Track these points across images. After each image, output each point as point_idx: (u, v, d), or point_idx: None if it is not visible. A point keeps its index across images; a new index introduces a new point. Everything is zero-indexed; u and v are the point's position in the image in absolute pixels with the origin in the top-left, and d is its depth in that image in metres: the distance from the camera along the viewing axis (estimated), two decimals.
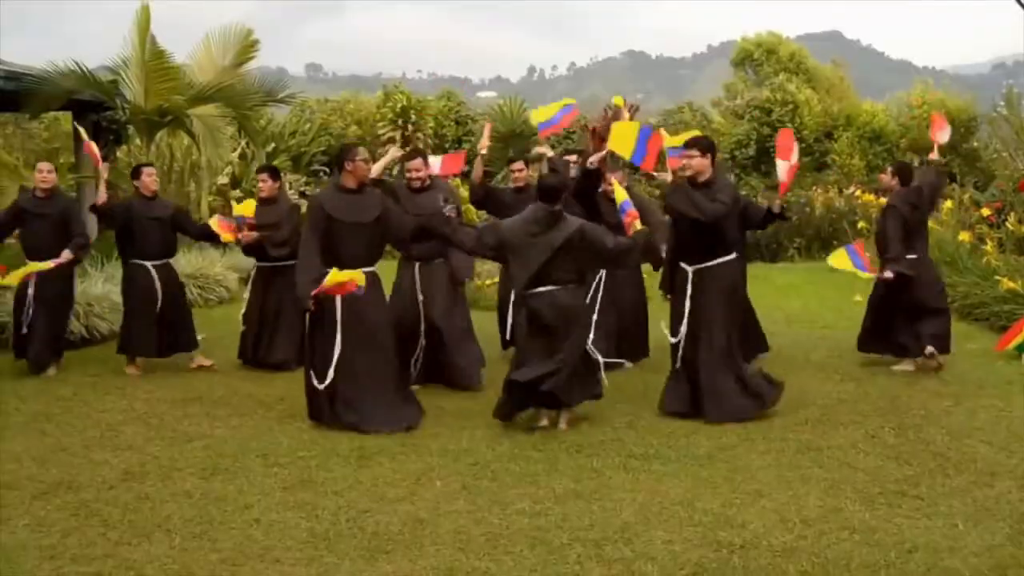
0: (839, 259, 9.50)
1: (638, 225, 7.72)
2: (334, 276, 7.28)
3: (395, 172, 21.94)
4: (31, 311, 9.40)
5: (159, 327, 9.72)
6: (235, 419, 7.85)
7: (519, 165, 9.93)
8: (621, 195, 8.03)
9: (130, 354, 9.74)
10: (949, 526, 5.40)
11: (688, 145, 7.90)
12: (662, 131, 9.06)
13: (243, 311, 10.17)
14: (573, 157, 10.37)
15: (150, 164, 10.53)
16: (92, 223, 15.72)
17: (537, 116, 10.02)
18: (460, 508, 5.75)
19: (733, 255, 7.88)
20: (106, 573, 4.87)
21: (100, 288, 11.31)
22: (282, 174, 15.91)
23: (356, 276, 7.36)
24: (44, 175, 9.69)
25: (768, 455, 6.78)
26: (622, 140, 8.42)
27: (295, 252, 8.42)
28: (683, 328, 7.80)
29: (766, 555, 5.03)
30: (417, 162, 8.87)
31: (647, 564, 4.92)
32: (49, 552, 5.13)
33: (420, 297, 8.66)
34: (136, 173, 9.93)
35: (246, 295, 10.22)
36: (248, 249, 10.03)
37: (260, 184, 10.15)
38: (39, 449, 7.00)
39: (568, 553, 5.08)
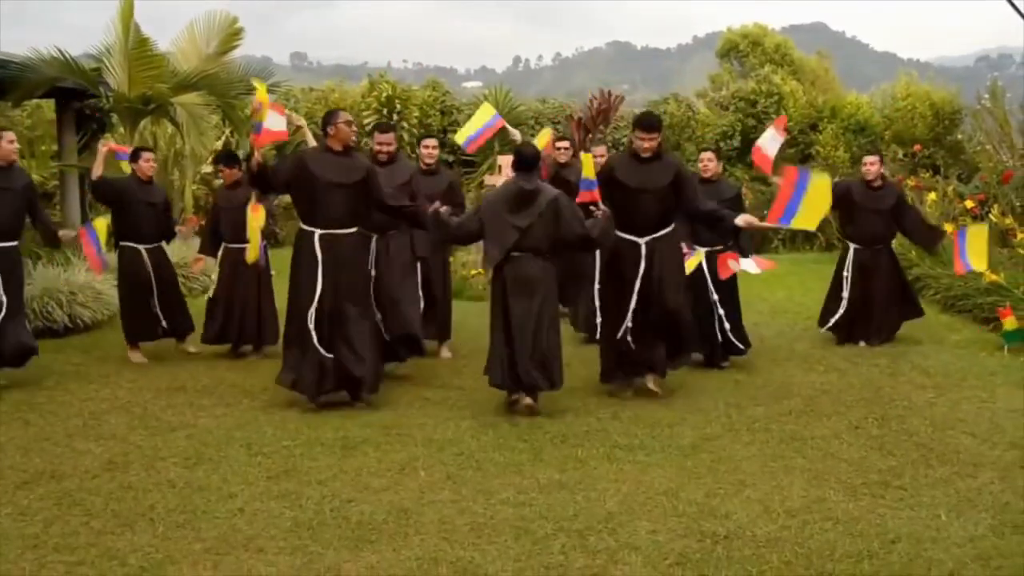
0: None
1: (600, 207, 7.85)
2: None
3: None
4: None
5: (155, 310, 9.79)
6: (219, 408, 7.83)
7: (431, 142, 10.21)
8: (589, 171, 8.10)
9: (132, 340, 9.77)
10: (932, 516, 5.43)
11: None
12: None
13: (210, 293, 10.23)
14: (564, 144, 10.55)
15: (150, 149, 10.54)
16: (75, 210, 15.75)
17: (460, 136, 10.38)
18: (444, 498, 5.75)
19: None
20: (89, 562, 4.85)
21: (83, 277, 11.25)
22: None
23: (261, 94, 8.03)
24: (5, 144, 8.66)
25: (752, 446, 6.80)
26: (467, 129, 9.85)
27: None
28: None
29: (750, 545, 5.05)
30: (388, 136, 9.24)
31: (631, 554, 4.93)
32: (32, 541, 5.12)
33: (372, 272, 8.67)
34: (135, 156, 9.99)
35: (214, 276, 10.22)
36: (215, 232, 10.22)
37: (221, 174, 10.26)
38: (22, 438, 6.98)
39: (552, 543, 5.08)
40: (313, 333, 7.63)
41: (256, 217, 9.19)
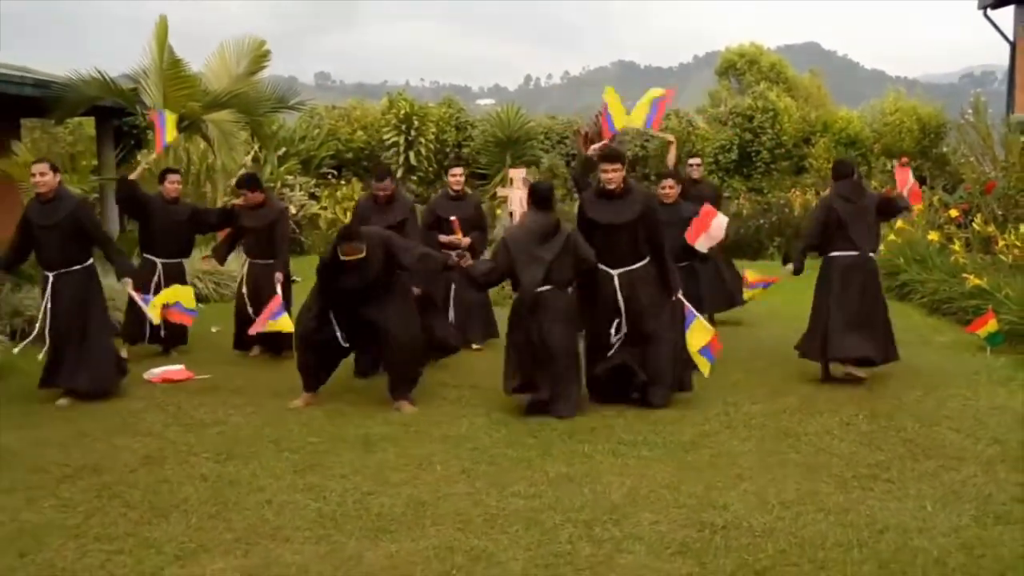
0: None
1: None
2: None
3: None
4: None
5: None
6: (249, 407, 7.85)
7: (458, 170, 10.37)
8: None
9: (126, 339, 9.85)
10: (918, 508, 5.42)
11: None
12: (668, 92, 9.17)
13: (237, 302, 10.23)
14: (696, 160, 11.74)
15: (175, 171, 10.54)
16: (114, 221, 15.82)
17: (636, 117, 9.06)
18: (460, 491, 5.76)
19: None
20: (127, 551, 4.88)
21: (120, 286, 11.26)
22: (292, 176, 15.98)
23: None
24: (38, 179, 8.08)
25: (749, 441, 6.79)
26: (637, 115, 8.92)
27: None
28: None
29: (747, 535, 5.05)
30: (385, 183, 9.31)
31: (635, 543, 4.93)
32: (74, 531, 5.15)
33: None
34: (161, 178, 10.13)
35: (244, 289, 10.13)
36: (231, 244, 10.44)
37: (245, 196, 10.11)
38: (64, 435, 7.01)
39: (560, 533, 5.09)
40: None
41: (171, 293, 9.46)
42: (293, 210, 19.36)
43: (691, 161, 11.46)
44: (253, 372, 9.24)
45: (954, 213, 14.13)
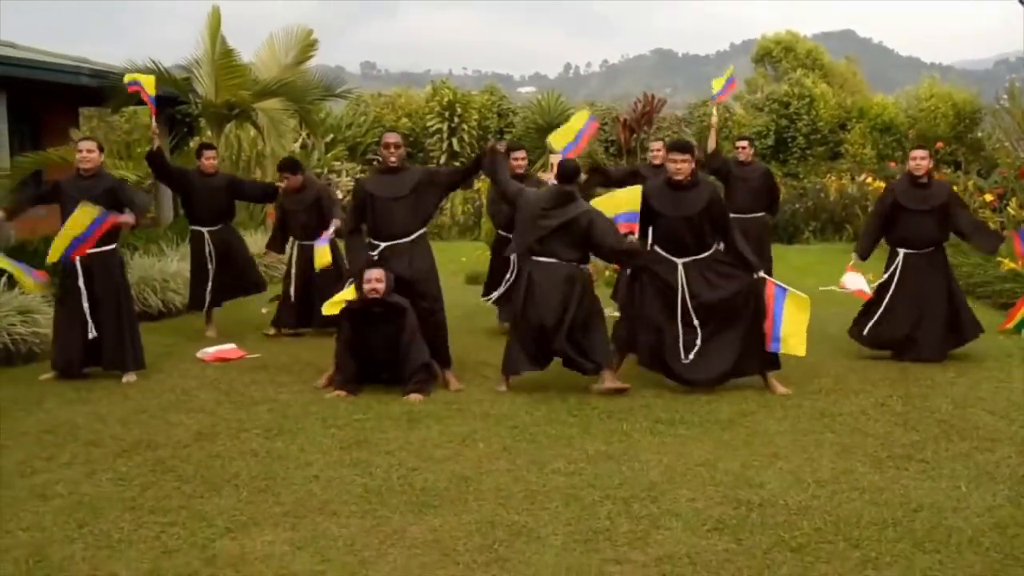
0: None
1: (633, 237, 7.57)
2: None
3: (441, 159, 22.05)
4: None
5: (213, 282, 10.08)
6: (297, 385, 7.89)
7: (521, 154, 10.19)
8: (635, 204, 7.78)
9: (192, 306, 10.28)
10: (952, 488, 5.35)
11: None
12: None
13: (284, 283, 10.44)
14: (744, 143, 11.23)
15: (211, 147, 10.60)
16: (168, 206, 15.96)
17: (558, 142, 8.73)
18: (501, 467, 5.76)
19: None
20: (180, 523, 4.92)
21: (175, 266, 11.42)
22: (339, 162, 16.03)
23: None
24: (84, 154, 8.10)
25: (785, 421, 6.74)
26: (561, 138, 8.59)
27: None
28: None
29: (782, 513, 5.00)
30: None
31: (672, 520, 4.91)
32: (130, 504, 5.20)
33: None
34: (198, 153, 10.38)
35: (293, 270, 10.29)
36: (283, 231, 10.54)
37: (285, 180, 10.24)
38: (121, 412, 7.09)
39: (599, 509, 5.07)
40: None
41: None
42: (340, 194, 19.44)
43: (739, 143, 11.10)
44: (300, 351, 9.29)
45: (989, 197, 13.96)
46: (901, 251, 8.78)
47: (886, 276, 8.80)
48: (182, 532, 4.80)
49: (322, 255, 9.30)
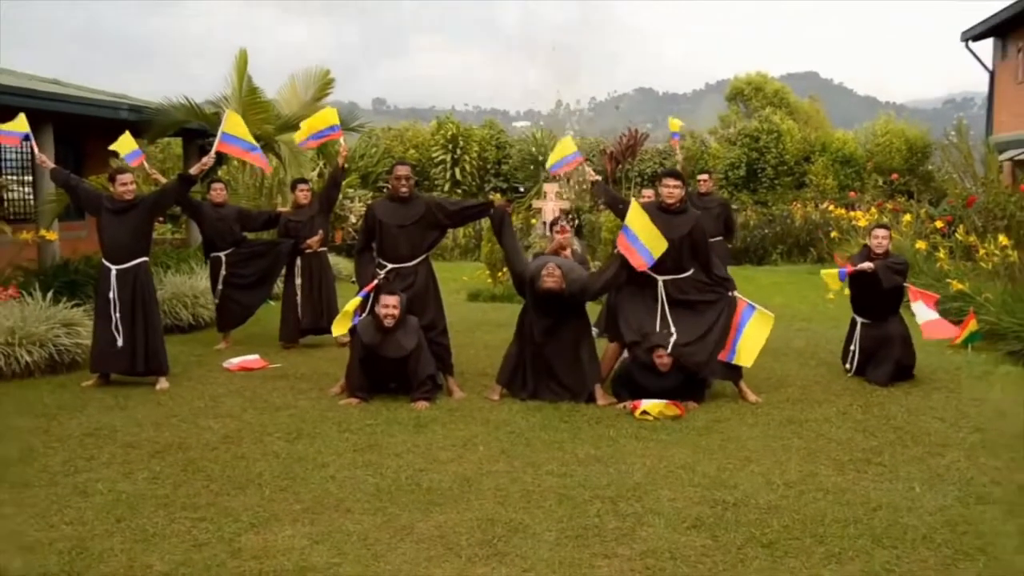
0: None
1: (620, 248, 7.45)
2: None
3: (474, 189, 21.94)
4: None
5: (226, 301, 10.13)
6: (315, 392, 7.88)
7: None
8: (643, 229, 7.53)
9: (219, 328, 10.25)
10: (907, 489, 5.36)
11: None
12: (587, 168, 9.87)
13: (288, 293, 10.31)
14: (704, 176, 11.33)
15: (219, 180, 10.62)
16: (197, 230, 15.92)
17: (549, 162, 8.98)
18: (500, 469, 5.75)
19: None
20: (209, 519, 4.91)
21: (204, 283, 11.39)
22: (353, 189, 15.97)
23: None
24: (127, 186, 8.11)
25: (756, 427, 6.74)
26: (553, 157, 8.83)
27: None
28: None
29: (754, 511, 5.00)
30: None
31: (655, 518, 4.90)
32: (163, 500, 5.19)
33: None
34: (208, 186, 10.57)
35: (299, 280, 10.21)
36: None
37: (300, 193, 10.38)
38: (155, 416, 7.08)
39: (589, 508, 5.07)
40: None
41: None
42: (353, 219, 19.42)
43: (700, 177, 11.29)
44: (317, 362, 9.27)
45: (939, 224, 13.98)
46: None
47: None
48: (210, 527, 4.79)
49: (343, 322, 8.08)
